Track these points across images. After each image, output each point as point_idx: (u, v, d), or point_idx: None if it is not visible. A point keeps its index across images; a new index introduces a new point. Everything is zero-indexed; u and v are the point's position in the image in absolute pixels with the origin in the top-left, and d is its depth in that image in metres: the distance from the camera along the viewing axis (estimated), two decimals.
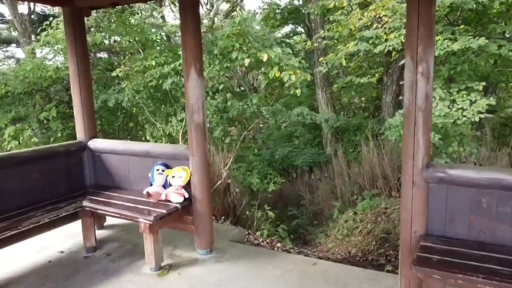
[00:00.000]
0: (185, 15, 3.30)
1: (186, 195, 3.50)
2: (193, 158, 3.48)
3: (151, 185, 3.63)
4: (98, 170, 4.19)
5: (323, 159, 11.42)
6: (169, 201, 3.47)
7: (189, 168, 3.53)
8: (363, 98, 11.96)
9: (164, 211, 3.28)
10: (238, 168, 6.99)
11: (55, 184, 3.84)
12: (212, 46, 6.27)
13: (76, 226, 3.79)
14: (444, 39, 6.26)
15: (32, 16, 14.15)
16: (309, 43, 8.36)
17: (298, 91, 6.11)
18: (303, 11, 19.98)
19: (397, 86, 10.35)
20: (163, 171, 3.61)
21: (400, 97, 10.41)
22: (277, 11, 19.17)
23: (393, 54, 7.60)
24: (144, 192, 3.54)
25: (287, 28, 19.75)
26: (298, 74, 6.07)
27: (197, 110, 3.42)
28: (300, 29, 21.52)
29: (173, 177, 3.52)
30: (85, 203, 3.58)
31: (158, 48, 7.77)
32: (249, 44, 6.16)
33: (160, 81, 6.56)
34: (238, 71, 13.57)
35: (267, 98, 6.77)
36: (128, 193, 3.83)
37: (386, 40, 6.79)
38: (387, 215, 6.15)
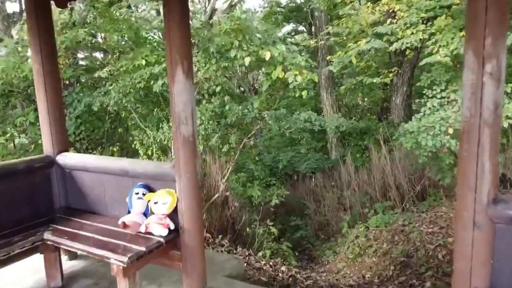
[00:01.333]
0: None
1: (172, 226, 2.81)
2: (180, 179, 2.79)
3: (129, 212, 2.94)
4: (70, 190, 3.50)
5: (328, 165, 10.72)
6: (150, 233, 2.77)
7: (175, 191, 2.84)
8: (369, 100, 11.24)
9: (143, 249, 2.58)
10: (238, 179, 6.30)
11: (14, 209, 3.15)
12: (208, 43, 5.58)
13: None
14: None
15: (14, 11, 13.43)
16: (313, 41, 7.68)
17: (304, 94, 5.41)
18: (305, 9, 19.32)
19: (408, 87, 9.67)
20: (143, 195, 2.92)
21: (416, 100, 9.73)
22: (278, 9, 18.52)
23: (407, 52, 6.90)
24: (120, 222, 2.84)
25: (288, 27, 19.10)
26: (304, 75, 5.38)
27: (185, 120, 2.73)
28: (301, 28, 20.88)
29: (155, 203, 2.82)
30: (47, 235, 2.88)
31: (150, 46, 7.07)
32: (250, 41, 5.47)
33: (152, 82, 5.87)
34: (238, 71, 12.86)
35: (269, 101, 6.07)
36: (103, 220, 3.13)
37: (402, 36, 6.10)
38: (405, 234, 5.46)
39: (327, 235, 8.30)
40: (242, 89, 16.40)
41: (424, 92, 6.35)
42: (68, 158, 3.42)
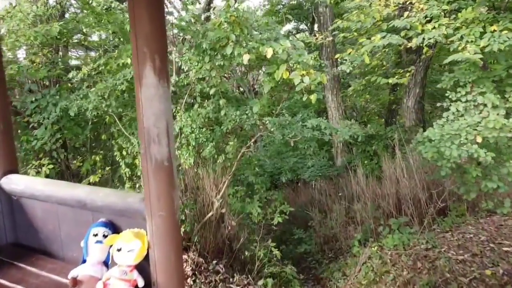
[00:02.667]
0: None
1: (141, 283, 2.05)
2: (152, 218, 2.03)
3: (84, 261, 2.19)
4: (19, 223, 2.74)
5: (334, 172, 9.97)
6: None
7: (146, 233, 2.09)
8: (377, 102, 10.49)
9: None
10: (235, 193, 5.54)
11: None
12: (201, 38, 4.82)
13: None
14: (502, 30, 4.83)
15: None
16: (320, 37, 6.94)
17: (313, 97, 4.66)
18: (306, 6, 18.59)
19: (421, 88, 8.92)
20: (104, 237, 2.17)
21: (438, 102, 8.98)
22: (278, 7, 17.80)
23: (424, 50, 6.15)
24: (69, 277, 2.09)
25: (288, 26, 18.41)
26: (312, 75, 4.62)
27: (158, 138, 1.97)
28: (302, 26, 20.14)
29: (118, 250, 2.06)
30: None
31: None
32: (249, 36, 4.72)
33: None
34: (237, 71, 12.08)
35: (271, 105, 5.32)
36: (55, 267, 2.38)
37: (423, 31, 5.34)
38: (430, 260, 4.70)
39: (335, 252, 7.55)
40: (242, 89, 15.64)
41: (447, 94, 5.61)
42: (15, 182, 2.66)
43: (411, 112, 9.18)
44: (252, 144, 5.04)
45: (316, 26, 19.14)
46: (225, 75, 15.70)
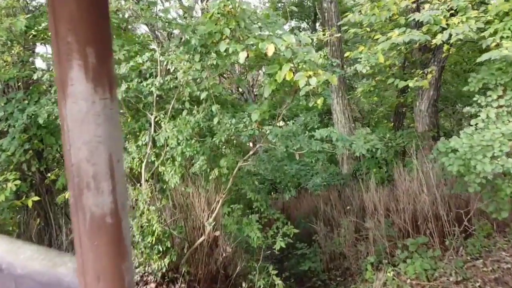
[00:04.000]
0: None
1: None
2: None
3: None
4: None
5: (340, 181, 9.22)
6: None
7: None
8: (386, 105, 9.76)
9: None
10: (231, 213, 4.80)
11: None
12: (191, 34, 4.09)
13: None
14: None
15: None
16: (327, 33, 6.21)
17: (320, 102, 3.94)
18: (308, 3, 17.88)
19: (436, 91, 8.18)
20: None
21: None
22: (279, 5, 17.11)
23: (445, 48, 5.42)
24: None
25: (290, 25, 17.72)
26: (320, 76, 3.90)
27: (94, 181, 1.23)
28: (304, 25, 19.43)
29: None
30: None
31: (123, 38, 5.58)
32: (246, 30, 3.99)
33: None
34: (236, 70, 11.29)
35: (272, 109, 4.59)
36: None
37: (448, 25, 4.61)
38: None
39: (342, 272, 6.81)
40: (241, 90, 14.87)
41: (475, 99, 4.88)
42: None
43: (424, 116, 8.44)
44: (251, 157, 4.29)
45: (317, 25, 18.43)
46: (225, 75, 14.90)
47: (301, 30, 17.95)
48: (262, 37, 3.99)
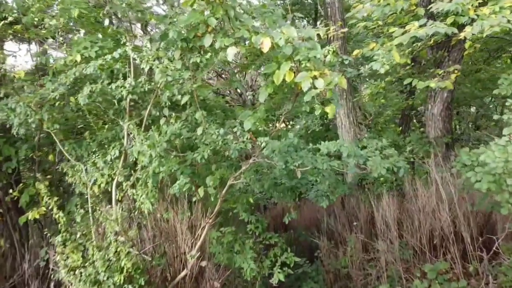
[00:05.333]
0: None
1: None
2: None
3: None
4: None
5: (345, 191, 8.47)
6: None
7: None
8: (393, 108, 9.02)
9: None
10: (220, 238, 4.06)
11: None
12: (167, 25, 3.35)
13: None
14: None
15: None
16: (332, 28, 5.48)
17: (330, 110, 3.21)
18: (308, 1, 17.13)
19: (450, 92, 7.43)
20: None
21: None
22: (278, 1, 16.36)
23: (467, 44, 4.69)
24: None
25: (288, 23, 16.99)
26: (327, 77, 3.19)
27: None
28: (304, 23, 18.67)
29: None
30: None
31: (99, 33, 4.84)
32: (237, 21, 3.25)
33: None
34: (235, 70, 10.49)
35: (270, 116, 3.84)
36: None
37: (477, 17, 3.87)
38: None
39: None
40: (239, 91, 14.09)
41: (508, 104, 4.14)
42: None
43: (436, 121, 7.69)
44: (243, 172, 3.54)
45: (318, 24, 17.66)
46: (223, 75, 14.09)
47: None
48: (256, 29, 3.25)
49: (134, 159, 3.41)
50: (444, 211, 4.91)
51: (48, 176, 4.91)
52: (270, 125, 7.95)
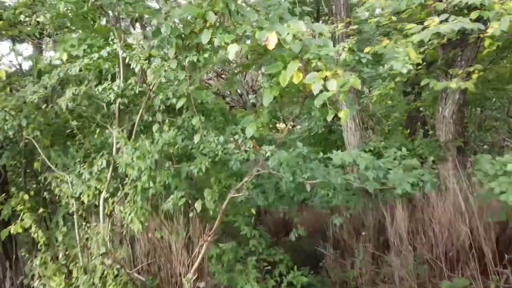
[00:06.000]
0: None
1: None
2: None
3: None
4: None
5: (351, 197, 8.07)
6: None
7: None
8: (402, 110, 8.65)
9: None
10: (220, 256, 3.68)
11: None
12: (161, 20, 2.97)
13: None
14: None
15: None
16: (340, 25, 5.12)
17: (343, 115, 2.84)
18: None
19: (462, 94, 7.05)
20: None
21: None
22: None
23: (487, 43, 4.31)
24: None
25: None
26: (341, 78, 2.82)
27: None
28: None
29: None
30: None
31: (87, 32, 4.47)
32: (238, 15, 2.89)
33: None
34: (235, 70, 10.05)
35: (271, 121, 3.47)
36: None
37: (505, 11, 3.50)
38: None
39: None
40: (239, 91, 13.64)
41: None
42: None
43: (448, 124, 7.30)
44: (245, 184, 3.16)
45: (320, 22, 17.27)
46: (223, 75, 13.66)
47: None
48: (260, 24, 2.88)
49: (123, 171, 3.03)
50: (463, 223, 4.53)
51: (34, 186, 4.53)
52: (271, 125, 7.54)
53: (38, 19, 4.53)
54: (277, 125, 9.80)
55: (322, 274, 6.77)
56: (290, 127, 3.06)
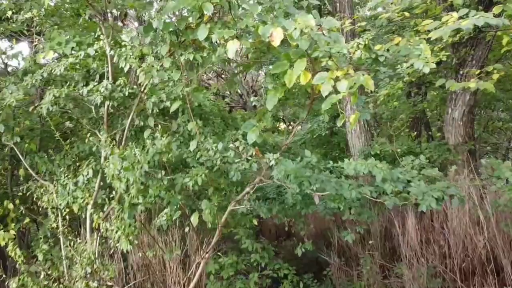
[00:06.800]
0: None
1: None
2: None
3: None
4: None
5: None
6: None
7: None
8: (408, 111, 8.32)
9: None
10: (220, 270, 3.37)
11: None
12: (152, 13, 2.67)
13: None
14: None
15: None
16: (347, 22, 4.81)
17: (354, 120, 2.55)
18: None
19: (473, 95, 6.76)
20: None
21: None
22: None
23: (505, 40, 4.01)
24: None
25: None
26: (352, 78, 2.53)
27: None
28: None
29: None
30: None
31: (75, 30, 4.15)
32: (239, 8, 2.58)
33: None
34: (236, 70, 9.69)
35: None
36: None
37: None
38: None
39: None
40: (239, 91, 13.28)
41: None
42: None
43: (457, 126, 7.02)
44: (247, 195, 2.86)
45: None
46: (222, 75, 13.23)
47: None
48: (263, 18, 2.57)
49: (110, 182, 2.73)
50: (481, 234, 4.23)
51: (22, 192, 4.21)
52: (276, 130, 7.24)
53: (26, 16, 4.24)
54: (278, 126, 9.51)
55: (326, 283, 6.46)
56: (296, 131, 2.77)
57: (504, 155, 10.89)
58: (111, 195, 2.71)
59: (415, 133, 8.44)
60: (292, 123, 11.99)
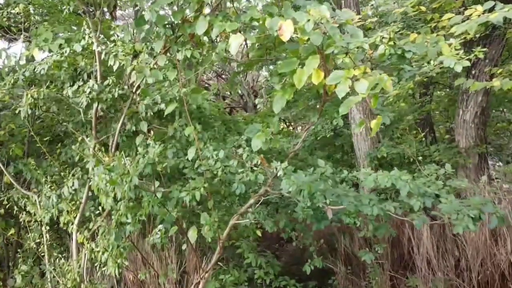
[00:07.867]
0: None
1: None
2: None
3: None
4: None
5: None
6: None
7: None
8: (416, 113, 8.02)
9: None
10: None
11: None
12: (145, 4, 2.36)
13: None
14: None
15: None
16: (356, 18, 4.53)
17: (375, 125, 2.24)
18: None
19: (485, 96, 6.47)
20: None
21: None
22: None
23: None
24: None
25: None
26: (371, 78, 2.23)
27: None
28: None
29: None
30: None
31: (64, 26, 3.86)
32: None
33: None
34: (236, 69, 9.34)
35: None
36: None
37: None
38: None
39: None
40: (240, 92, 12.93)
41: None
42: None
43: (469, 128, 6.73)
44: (250, 208, 2.56)
45: None
46: (223, 75, 12.88)
47: None
48: (269, 9, 2.27)
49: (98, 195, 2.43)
50: (503, 246, 3.93)
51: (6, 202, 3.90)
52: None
53: (12, 11, 3.95)
54: (283, 128, 9.19)
55: None
56: (305, 137, 2.51)
57: (509, 157, 10.61)
58: (98, 211, 2.40)
59: (423, 134, 8.14)
60: (293, 123, 11.65)
